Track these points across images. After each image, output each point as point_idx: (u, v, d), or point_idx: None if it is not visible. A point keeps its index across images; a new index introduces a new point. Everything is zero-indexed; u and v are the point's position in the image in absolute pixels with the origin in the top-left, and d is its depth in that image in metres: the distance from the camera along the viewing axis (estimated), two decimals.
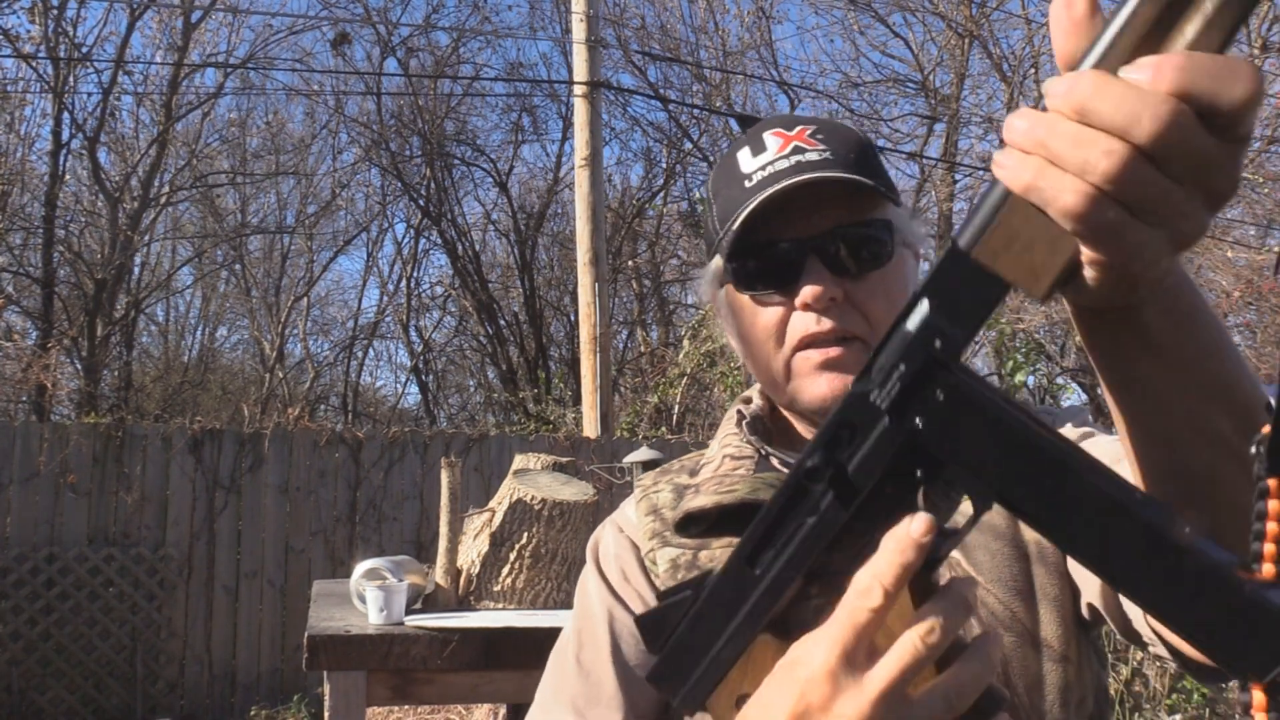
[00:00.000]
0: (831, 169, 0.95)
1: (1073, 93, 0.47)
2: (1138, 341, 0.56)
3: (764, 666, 0.64)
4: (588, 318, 8.13)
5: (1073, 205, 0.47)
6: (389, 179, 14.48)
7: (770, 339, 0.99)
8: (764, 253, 0.98)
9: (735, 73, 13.42)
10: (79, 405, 11.38)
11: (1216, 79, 0.44)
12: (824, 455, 0.58)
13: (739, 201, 0.97)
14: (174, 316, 16.39)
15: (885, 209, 0.98)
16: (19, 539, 6.16)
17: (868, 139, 1.04)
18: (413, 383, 16.48)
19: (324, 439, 6.89)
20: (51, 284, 11.97)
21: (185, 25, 12.75)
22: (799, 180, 0.94)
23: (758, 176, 0.97)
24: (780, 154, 0.98)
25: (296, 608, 6.45)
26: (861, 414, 0.57)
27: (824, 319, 0.95)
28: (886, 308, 0.96)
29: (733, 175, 1.00)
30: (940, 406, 0.54)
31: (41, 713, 6.06)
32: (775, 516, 0.61)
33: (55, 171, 12.08)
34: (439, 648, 2.17)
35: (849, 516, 0.58)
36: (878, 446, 0.56)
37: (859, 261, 0.96)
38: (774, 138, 0.99)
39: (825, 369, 0.96)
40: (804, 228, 0.96)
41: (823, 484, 0.58)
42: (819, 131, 0.99)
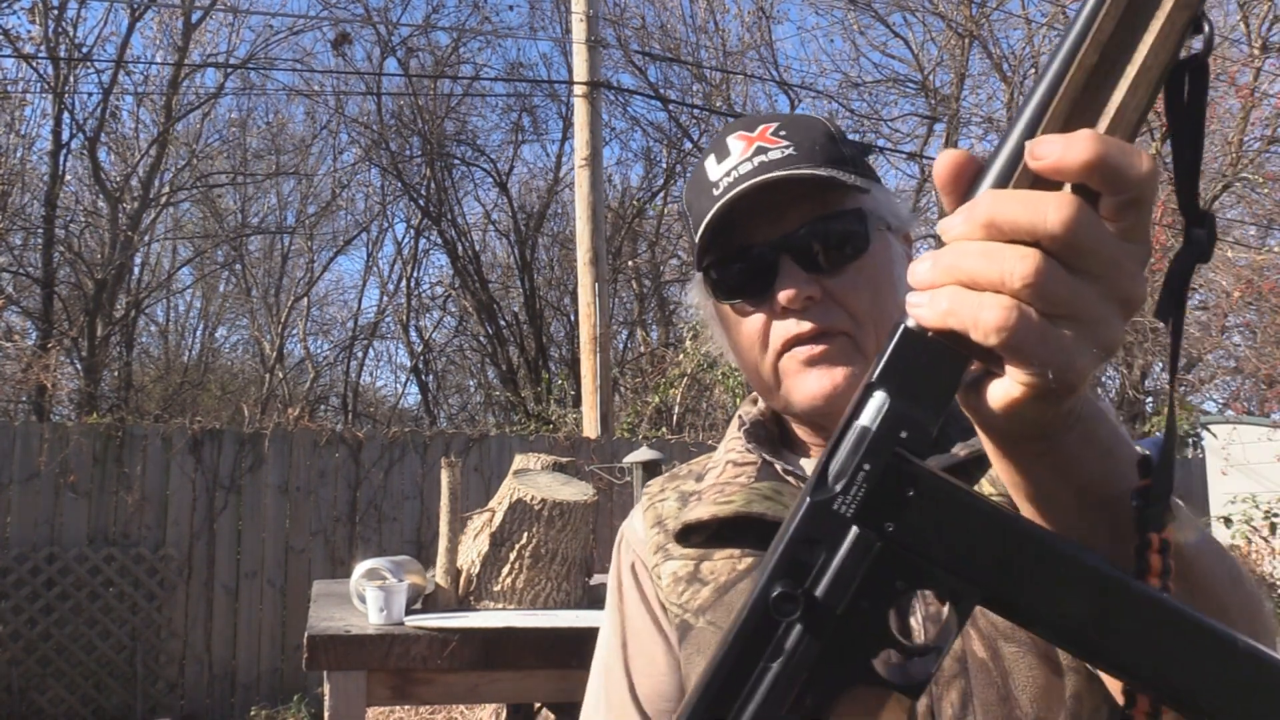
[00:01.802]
0: (795, 164, 0.94)
1: (973, 213, 0.48)
2: (1054, 471, 0.55)
3: None
4: (588, 318, 8.13)
5: (997, 319, 0.46)
6: (389, 179, 14.49)
7: (755, 346, 0.97)
8: (737, 260, 0.97)
9: (735, 73, 13.42)
10: (79, 405, 11.39)
11: (1124, 152, 0.46)
12: (787, 581, 0.49)
13: (705, 211, 0.96)
14: (174, 316, 16.40)
15: (857, 197, 0.96)
16: (19, 539, 6.16)
17: (835, 127, 1.02)
18: (413, 383, 16.49)
19: (324, 439, 6.89)
20: (51, 284, 11.97)
21: (185, 25, 12.75)
22: (754, 183, 0.92)
23: (723, 183, 0.96)
24: (743, 157, 0.96)
25: (296, 608, 6.45)
26: (824, 526, 0.49)
27: (804, 320, 0.94)
28: (869, 298, 0.94)
29: (701, 185, 0.99)
30: (915, 504, 0.49)
31: (41, 713, 6.06)
32: (732, 667, 0.50)
33: (55, 171, 12.09)
34: (439, 648, 2.17)
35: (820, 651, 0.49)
36: (850, 560, 0.49)
37: (834, 256, 0.94)
38: (737, 141, 0.98)
39: (812, 365, 0.94)
40: (774, 229, 0.95)
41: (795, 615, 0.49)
42: (782, 128, 0.98)
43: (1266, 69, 11.66)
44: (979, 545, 0.49)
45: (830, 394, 0.93)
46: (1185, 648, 0.47)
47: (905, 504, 0.49)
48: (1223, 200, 12.04)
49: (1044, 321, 0.46)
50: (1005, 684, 0.87)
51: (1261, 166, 11.61)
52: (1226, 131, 11.65)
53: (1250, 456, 9.01)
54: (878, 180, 1.00)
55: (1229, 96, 11.46)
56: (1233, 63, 11.59)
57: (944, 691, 0.86)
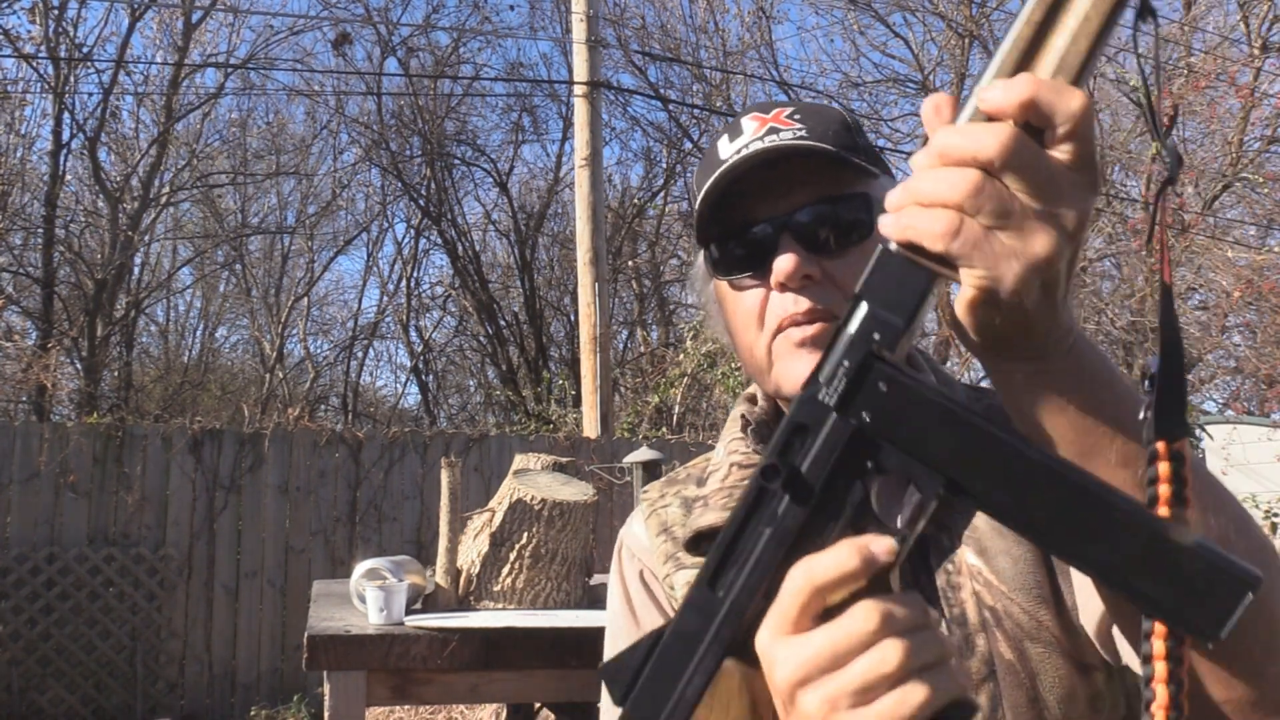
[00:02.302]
0: (804, 144, 0.94)
1: (930, 146, 0.56)
2: (1048, 396, 0.61)
3: (731, 695, 0.62)
4: (588, 318, 8.13)
5: (942, 228, 0.54)
6: (389, 179, 14.49)
7: (751, 324, 0.97)
8: (739, 235, 0.97)
9: (735, 73, 13.42)
10: (79, 405, 11.38)
11: (1056, 91, 0.54)
12: (779, 457, 0.59)
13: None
14: (174, 316, 16.39)
15: (865, 182, 0.96)
16: (19, 539, 6.16)
17: (851, 117, 1.02)
18: (413, 383, 16.48)
19: (324, 439, 6.89)
20: (51, 284, 11.97)
21: (186, 25, 12.75)
22: (758, 149, 0.93)
23: (733, 160, 0.95)
24: (755, 135, 0.96)
25: (296, 608, 6.45)
26: (812, 415, 0.59)
27: (801, 299, 0.93)
28: None
29: (711, 162, 0.99)
30: (884, 397, 0.57)
31: (41, 713, 6.06)
32: (735, 532, 0.60)
33: (55, 171, 12.08)
34: (439, 648, 2.17)
35: (806, 517, 0.59)
36: (828, 442, 0.58)
37: (836, 238, 0.94)
38: (750, 121, 0.98)
39: (804, 348, 0.93)
40: (777, 206, 0.95)
41: (778, 483, 0.58)
42: (797, 112, 0.98)
43: (1266, 69, 11.66)
44: (939, 436, 0.56)
45: None
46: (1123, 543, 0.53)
47: (878, 396, 0.57)
48: (1223, 200, 12.05)
49: (982, 230, 0.54)
50: (1034, 685, 0.87)
51: (1261, 166, 11.61)
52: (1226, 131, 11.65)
53: (1250, 456, 9.02)
54: (889, 174, 1.00)
55: (1229, 96, 11.46)
56: (1233, 63, 11.59)
57: (974, 694, 0.85)
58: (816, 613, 0.57)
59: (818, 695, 0.56)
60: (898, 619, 0.56)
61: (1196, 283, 11.64)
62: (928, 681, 0.55)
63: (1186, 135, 12.45)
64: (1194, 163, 11.98)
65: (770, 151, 0.93)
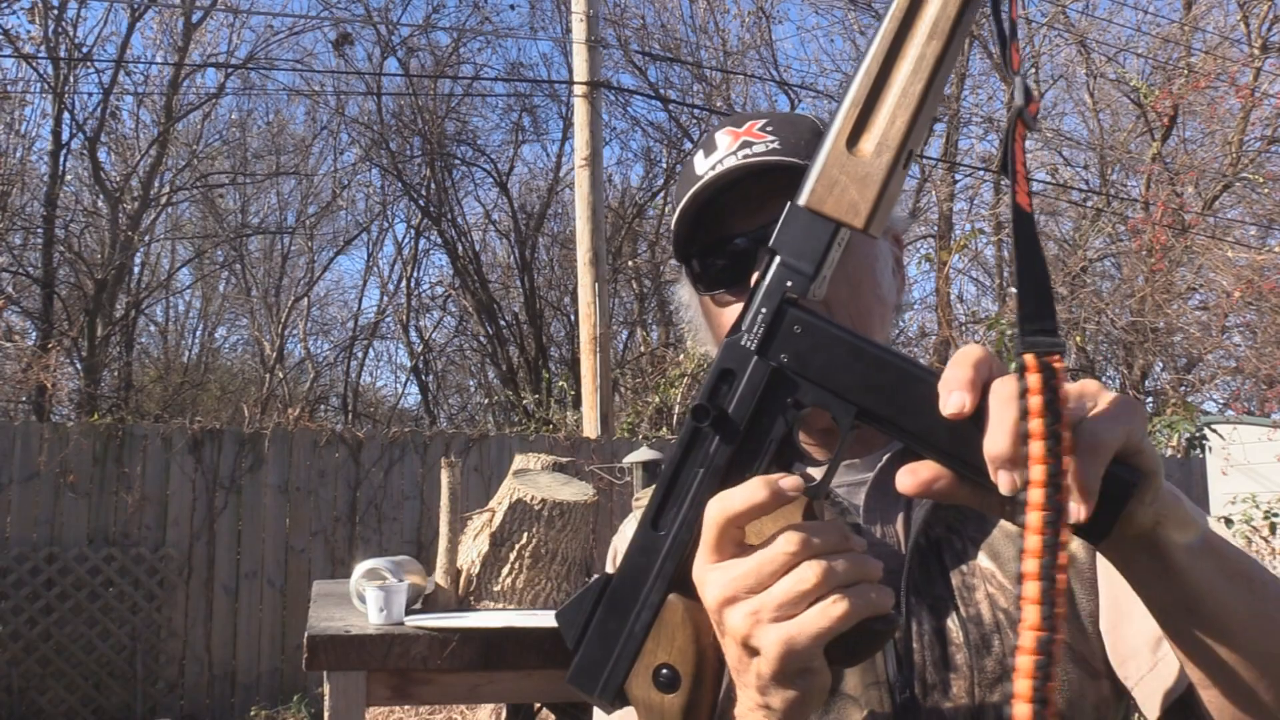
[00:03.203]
0: (780, 156, 0.94)
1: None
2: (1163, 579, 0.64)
3: (675, 626, 0.67)
4: (588, 318, 8.13)
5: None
6: (389, 179, 14.49)
7: None
8: (718, 250, 0.98)
9: (735, 73, 13.42)
10: (79, 405, 11.38)
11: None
12: (708, 399, 0.65)
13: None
14: (173, 316, 16.39)
15: None
16: (19, 539, 6.16)
17: (825, 126, 1.02)
18: (413, 383, 16.48)
19: (324, 439, 6.89)
20: (51, 284, 11.97)
21: (186, 25, 12.75)
22: (730, 166, 0.94)
23: (708, 176, 0.96)
24: (729, 150, 0.97)
25: (296, 608, 6.45)
26: (736, 359, 0.65)
27: None
28: (847, 293, 0.94)
29: (688, 180, 0.99)
30: (798, 338, 0.64)
31: (41, 713, 6.06)
32: (673, 473, 0.66)
33: (55, 171, 12.08)
34: (439, 648, 2.16)
35: (733, 454, 0.64)
36: (750, 383, 0.64)
37: None
38: (724, 136, 0.99)
39: None
40: (752, 220, 0.95)
41: (708, 423, 0.64)
42: (770, 124, 0.98)
43: (1266, 69, 11.66)
44: (849, 370, 0.62)
45: None
46: None
47: (793, 338, 0.64)
48: (1223, 200, 12.05)
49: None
50: None
51: (1261, 166, 11.61)
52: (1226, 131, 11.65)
53: (1250, 456, 9.02)
54: None
55: (1229, 96, 11.46)
56: (1233, 63, 11.59)
57: (987, 694, 0.87)
58: (737, 541, 0.63)
59: (742, 611, 0.62)
60: (817, 543, 0.61)
61: (1196, 283, 11.64)
62: (848, 597, 0.60)
63: (1187, 135, 12.45)
64: (1194, 163, 11.98)
65: (738, 170, 0.94)
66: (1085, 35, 12.30)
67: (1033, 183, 0.59)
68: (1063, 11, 12.02)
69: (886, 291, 0.99)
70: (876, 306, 0.97)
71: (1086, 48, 12.28)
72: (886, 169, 0.63)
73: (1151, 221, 10.88)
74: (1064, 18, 12.17)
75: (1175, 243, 10.75)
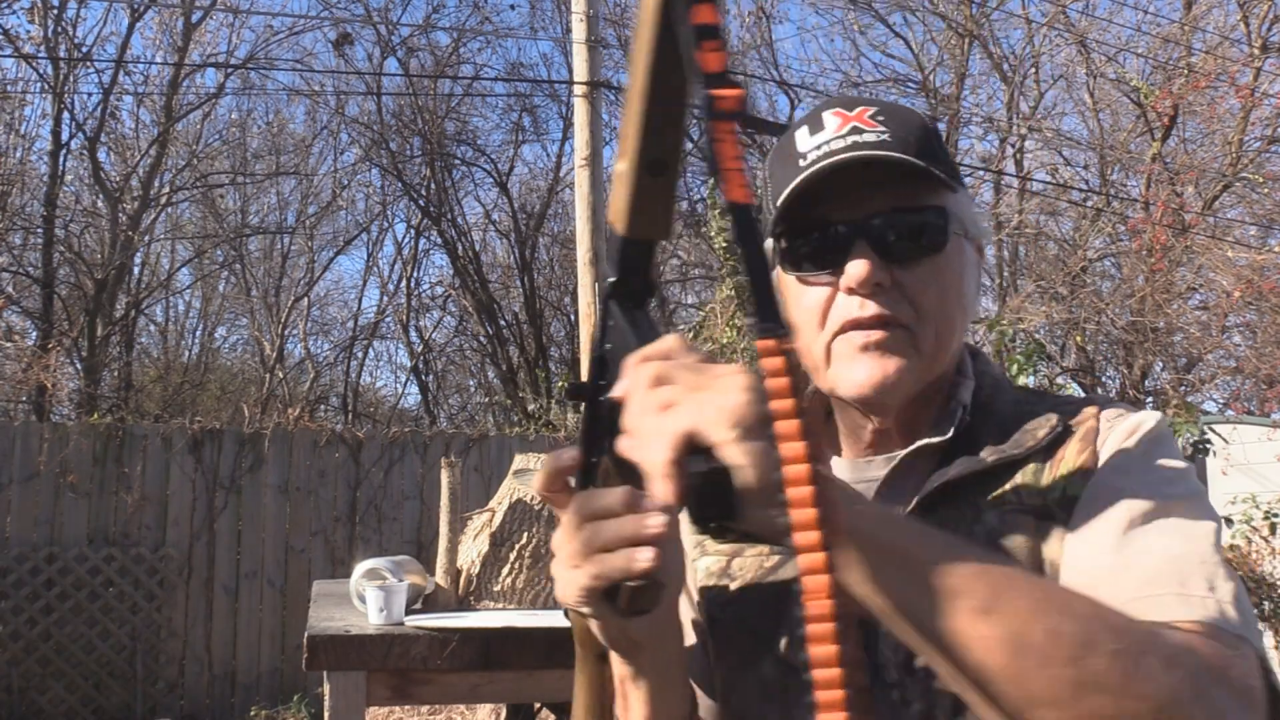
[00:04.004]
0: (888, 150, 0.93)
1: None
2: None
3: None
4: (588, 318, 8.13)
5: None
6: (389, 179, 14.47)
7: (813, 321, 0.97)
8: (813, 233, 0.97)
9: (735, 73, 13.40)
10: (79, 405, 11.38)
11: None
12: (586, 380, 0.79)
13: (789, 180, 0.95)
14: (173, 316, 16.38)
15: (943, 196, 0.96)
16: (19, 539, 6.16)
17: (933, 124, 1.01)
18: (413, 383, 16.47)
19: (324, 439, 6.89)
20: (51, 284, 11.96)
21: (185, 25, 12.75)
22: (848, 157, 0.93)
23: (812, 155, 0.95)
24: (837, 133, 0.96)
25: (296, 608, 6.46)
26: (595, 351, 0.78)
27: (868, 303, 0.93)
28: (937, 297, 0.94)
29: (788, 155, 0.98)
30: (611, 330, 0.75)
31: (41, 713, 6.06)
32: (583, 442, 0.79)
33: (55, 171, 12.08)
34: (439, 648, 2.16)
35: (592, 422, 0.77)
36: (591, 365, 0.78)
37: (910, 248, 0.94)
38: (833, 117, 0.98)
39: (865, 352, 0.94)
40: (856, 210, 0.95)
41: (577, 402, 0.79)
42: (880, 113, 0.97)
43: (1266, 69, 11.66)
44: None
45: (879, 384, 0.93)
46: None
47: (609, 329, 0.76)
48: (1223, 200, 12.04)
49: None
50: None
51: (1261, 166, 11.61)
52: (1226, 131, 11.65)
53: (1250, 456, 9.01)
54: (964, 188, 1.01)
55: (1229, 96, 11.46)
56: (1233, 63, 11.59)
57: (936, 706, 0.88)
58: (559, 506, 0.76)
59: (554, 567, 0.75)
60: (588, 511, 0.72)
61: (1196, 282, 11.64)
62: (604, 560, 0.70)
63: (1187, 135, 12.45)
64: (1194, 163, 11.98)
65: (856, 159, 0.93)
66: (1085, 35, 12.29)
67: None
68: (1063, 11, 12.02)
69: (969, 301, 0.99)
70: (959, 316, 0.97)
71: (1086, 48, 12.28)
72: (630, 178, 0.70)
73: (1151, 221, 10.89)
74: (1064, 18, 12.17)
75: (1175, 243, 10.75)
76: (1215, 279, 11.17)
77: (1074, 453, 0.92)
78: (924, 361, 0.94)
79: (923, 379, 0.95)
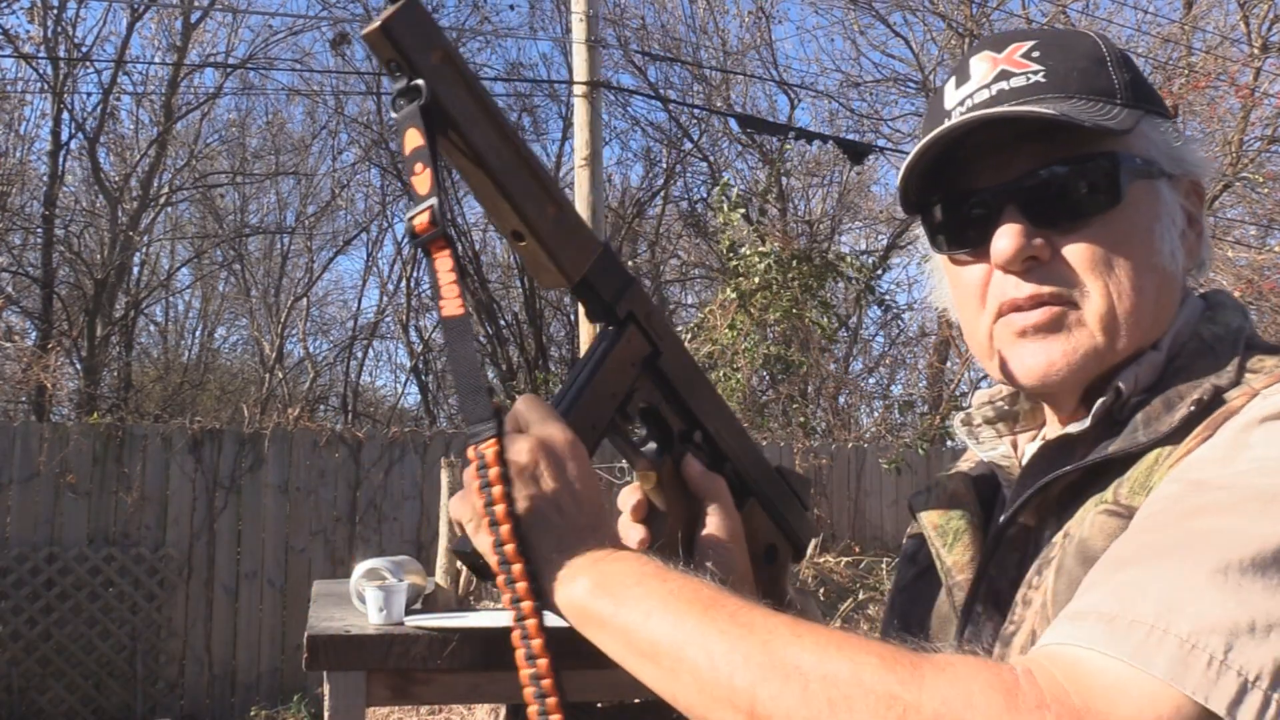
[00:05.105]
0: (1042, 94, 0.81)
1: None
2: None
3: None
4: (588, 318, 8.12)
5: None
6: (389, 179, 14.47)
7: (972, 303, 0.86)
8: (955, 206, 0.85)
9: (735, 73, 13.41)
10: (79, 405, 11.37)
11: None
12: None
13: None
14: (173, 316, 16.38)
15: (1114, 138, 0.80)
16: (19, 539, 6.16)
17: (1108, 48, 0.86)
18: (413, 383, 16.47)
19: (324, 439, 6.89)
20: (51, 284, 11.96)
21: (185, 25, 12.75)
22: (974, 117, 0.80)
23: (956, 113, 0.84)
24: (982, 83, 0.84)
25: (296, 608, 6.45)
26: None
27: (1024, 282, 0.81)
28: (1107, 262, 0.79)
29: (936, 113, 0.87)
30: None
31: (41, 713, 6.06)
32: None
33: (55, 171, 12.07)
34: (439, 648, 2.16)
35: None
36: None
37: (1071, 208, 0.80)
38: (981, 63, 0.85)
39: (1026, 338, 0.82)
40: (1001, 172, 0.82)
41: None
42: (1037, 48, 0.84)
43: (1266, 69, 11.66)
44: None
45: (1045, 374, 0.82)
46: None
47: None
48: (1223, 200, 12.04)
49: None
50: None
51: (1261, 166, 11.60)
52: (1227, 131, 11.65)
53: None
54: (1161, 111, 0.85)
55: (1229, 96, 11.46)
56: (1233, 63, 11.59)
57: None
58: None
59: None
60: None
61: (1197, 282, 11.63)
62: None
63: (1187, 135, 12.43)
64: None
65: (979, 120, 0.80)
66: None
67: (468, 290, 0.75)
68: (1063, 11, 12.02)
69: (1166, 259, 0.82)
70: (1149, 277, 0.81)
71: None
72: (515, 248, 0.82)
73: None
74: (1064, 18, 12.17)
75: None
76: (1215, 279, 11.17)
77: (1194, 440, 0.74)
78: (1103, 340, 0.80)
79: (1105, 360, 0.81)
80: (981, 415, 0.94)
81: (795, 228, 12.54)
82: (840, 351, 11.95)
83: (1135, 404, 0.79)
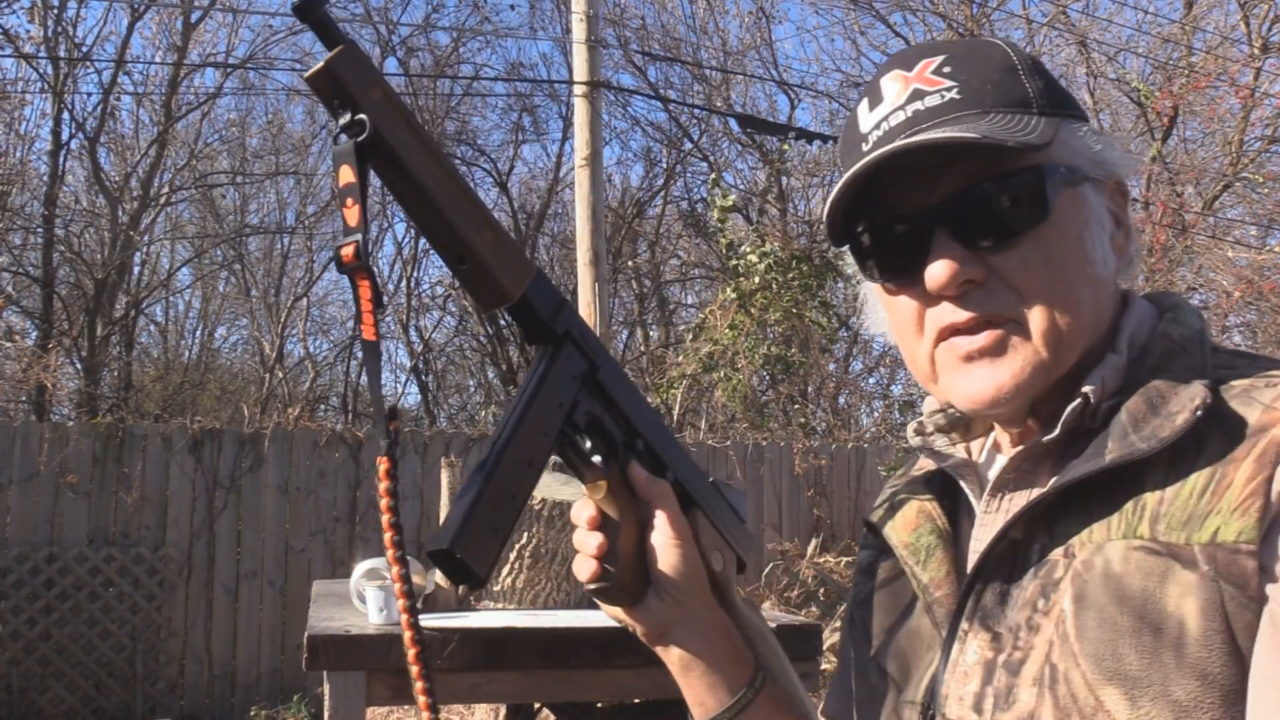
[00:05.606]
0: (958, 111, 0.78)
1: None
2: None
3: None
4: (588, 318, 8.13)
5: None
6: None
7: (909, 331, 0.83)
8: (883, 233, 0.82)
9: (735, 73, 13.42)
10: (79, 405, 11.38)
11: None
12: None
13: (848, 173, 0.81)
14: (173, 316, 16.39)
15: (1039, 153, 0.78)
16: (19, 539, 6.16)
17: (1018, 56, 0.83)
18: (413, 383, 16.47)
19: (324, 439, 6.89)
20: (51, 284, 11.96)
21: (185, 25, 12.75)
22: (881, 153, 0.77)
23: (872, 137, 0.81)
24: (896, 104, 0.81)
25: (296, 608, 6.45)
26: None
27: (961, 307, 0.78)
28: (1046, 276, 0.77)
29: (852, 139, 0.84)
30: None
31: (41, 713, 6.06)
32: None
33: (55, 171, 12.08)
34: (439, 648, 2.16)
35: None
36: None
37: (1001, 227, 0.78)
38: (892, 83, 0.82)
39: (972, 362, 0.79)
40: (927, 195, 0.79)
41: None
42: (947, 63, 0.81)
43: (1266, 69, 11.66)
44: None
45: (994, 398, 0.79)
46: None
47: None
48: (1223, 200, 12.04)
49: None
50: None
51: (1261, 166, 11.61)
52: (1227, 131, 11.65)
53: None
54: (1076, 114, 0.83)
55: (1229, 96, 11.46)
56: (1233, 63, 11.59)
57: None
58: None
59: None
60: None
61: (1196, 282, 11.63)
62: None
63: (1187, 135, 12.44)
64: (1194, 162, 11.98)
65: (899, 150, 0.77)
66: (1085, 35, 12.30)
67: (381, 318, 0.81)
68: (1063, 11, 12.02)
69: (1099, 265, 0.81)
70: (1086, 287, 0.79)
71: (1087, 47, 12.28)
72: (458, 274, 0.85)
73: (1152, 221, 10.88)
74: (1064, 18, 12.17)
75: (1175, 243, 10.75)
76: (1215, 279, 11.17)
77: (1243, 477, 0.69)
78: (1048, 355, 0.78)
79: (1052, 374, 0.79)
80: (934, 423, 0.92)
81: (795, 228, 12.54)
82: (840, 351, 11.95)
83: (1107, 408, 0.78)
